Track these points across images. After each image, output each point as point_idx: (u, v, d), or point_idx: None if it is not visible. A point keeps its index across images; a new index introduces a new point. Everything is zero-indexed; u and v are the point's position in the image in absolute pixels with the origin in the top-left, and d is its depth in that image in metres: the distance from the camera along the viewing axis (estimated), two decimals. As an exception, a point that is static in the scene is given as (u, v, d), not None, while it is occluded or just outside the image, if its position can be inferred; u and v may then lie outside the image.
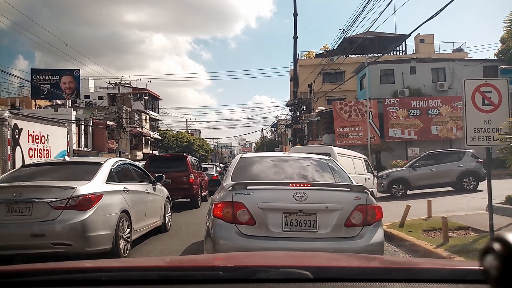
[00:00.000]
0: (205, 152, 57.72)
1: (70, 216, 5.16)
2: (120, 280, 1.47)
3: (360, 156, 12.66)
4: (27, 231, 5.06)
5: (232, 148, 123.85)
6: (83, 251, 5.23)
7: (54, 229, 5.10)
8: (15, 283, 1.47)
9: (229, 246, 3.89)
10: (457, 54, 37.67)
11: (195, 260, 2.36)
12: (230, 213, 4.00)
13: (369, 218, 4.06)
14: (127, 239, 6.08)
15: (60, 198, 5.18)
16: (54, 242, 5.10)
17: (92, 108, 37.44)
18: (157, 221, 7.88)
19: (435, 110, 27.94)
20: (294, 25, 23.45)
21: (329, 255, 2.81)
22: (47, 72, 35.04)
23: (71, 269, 1.68)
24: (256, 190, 4.09)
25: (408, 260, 3.31)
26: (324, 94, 29.35)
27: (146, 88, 46.96)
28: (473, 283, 1.34)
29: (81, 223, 5.18)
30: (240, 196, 4.03)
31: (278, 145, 61.01)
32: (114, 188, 6.09)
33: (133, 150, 43.34)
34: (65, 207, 5.17)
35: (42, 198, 5.17)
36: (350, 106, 28.25)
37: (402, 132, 27.90)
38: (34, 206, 5.15)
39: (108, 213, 5.64)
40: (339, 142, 26.88)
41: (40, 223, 5.09)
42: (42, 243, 5.06)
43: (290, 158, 5.33)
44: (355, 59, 35.15)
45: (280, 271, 1.49)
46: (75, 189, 5.29)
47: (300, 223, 3.99)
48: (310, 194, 4.02)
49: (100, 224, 5.41)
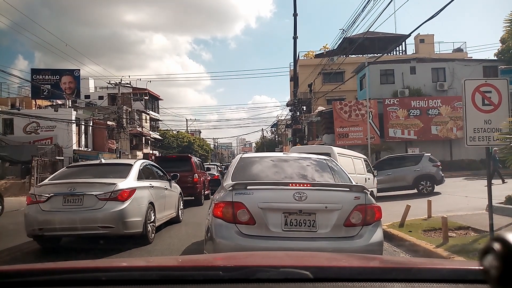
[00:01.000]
0: (205, 152, 57.74)
1: (113, 206, 6.53)
2: (120, 280, 1.47)
3: (360, 156, 12.68)
4: (79, 217, 6.44)
5: (232, 148, 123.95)
6: (122, 232, 6.64)
7: (101, 215, 6.46)
8: (15, 283, 1.47)
9: (229, 245, 3.89)
10: (457, 54, 37.67)
11: (195, 260, 2.36)
12: (230, 213, 4.01)
13: (368, 218, 4.06)
14: (152, 226, 7.36)
15: (104, 192, 6.56)
16: (101, 225, 6.47)
17: (92, 108, 37.46)
18: (173, 213, 9.21)
19: (435, 110, 27.96)
20: (294, 25, 23.47)
21: (329, 255, 2.82)
22: (47, 72, 35.10)
23: (71, 269, 1.68)
24: (256, 190, 4.09)
25: (408, 260, 3.32)
26: (324, 94, 29.36)
27: (146, 88, 46.97)
28: (473, 283, 1.34)
29: (121, 211, 6.55)
30: (240, 196, 4.04)
31: (278, 145, 60.94)
32: (143, 184, 7.47)
33: (133, 150, 43.33)
34: (109, 199, 6.54)
35: (91, 192, 6.55)
36: (350, 106, 28.27)
37: (402, 132, 27.91)
38: (84, 198, 6.52)
39: (140, 204, 7.02)
40: (339, 142, 26.89)
41: (90, 211, 6.45)
42: (92, 226, 6.47)
43: (290, 158, 5.34)
44: (355, 59, 35.14)
45: (280, 271, 1.50)
46: (115, 185, 6.68)
47: (299, 223, 3.99)
48: (310, 194, 4.02)
49: (134, 212, 6.78)
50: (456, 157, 27.03)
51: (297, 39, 23.68)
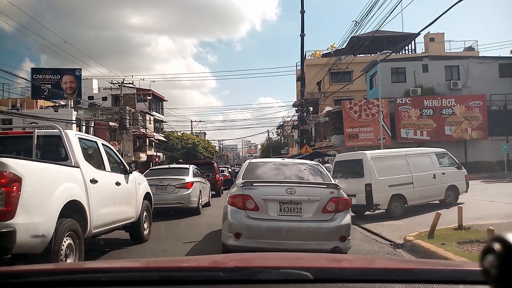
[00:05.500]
0: (210, 154, 57.73)
1: (183, 191, 12.20)
2: (120, 281, 1.52)
3: (427, 152, 12.73)
4: (166, 197, 11.89)
5: (238, 150, 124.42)
6: (188, 206, 12.19)
7: (177, 196, 12.10)
8: (15, 284, 1.51)
9: (239, 225, 5.58)
10: (469, 53, 37.26)
11: (196, 260, 2.41)
12: (241, 202, 5.67)
13: (340, 207, 5.67)
14: (200, 203, 13.22)
15: (178, 183, 12.28)
16: (177, 201, 12.02)
17: (95, 108, 37.66)
18: (207, 199, 15.07)
19: (448, 109, 27.60)
20: (302, 22, 23.50)
21: (329, 256, 2.86)
22: (47, 72, 35.05)
23: (71, 270, 1.73)
24: (259, 186, 5.78)
25: (409, 261, 3.39)
26: (331, 94, 29.26)
27: (150, 89, 47.11)
28: (474, 284, 1.37)
29: (187, 194, 12.22)
30: (248, 190, 5.71)
31: (284, 147, 59.95)
32: (196, 179, 13.23)
33: (137, 152, 43.52)
34: (181, 187, 12.24)
35: (171, 183, 12.24)
36: (360, 106, 27.87)
37: (414, 133, 27.53)
38: (168, 187, 12.19)
39: (196, 191, 12.74)
40: (349, 143, 26.72)
41: (171, 194, 12.06)
42: (172, 201, 11.96)
43: (289, 163, 7.01)
44: (363, 59, 34.85)
45: (280, 272, 1.54)
46: (184, 179, 12.51)
47: (290, 210, 5.65)
48: (298, 189, 5.69)
49: (194, 195, 12.50)
50: (471, 158, 26.76)
51: (304, 37, 23.75)
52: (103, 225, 6.03)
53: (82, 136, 6.30)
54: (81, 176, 5.43)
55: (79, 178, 5.39)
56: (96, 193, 5.68)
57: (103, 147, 6.75)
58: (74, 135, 5.83)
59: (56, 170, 5.00)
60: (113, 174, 6.71)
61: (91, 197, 5.50)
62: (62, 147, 5.63)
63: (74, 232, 4.97)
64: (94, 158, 6.34)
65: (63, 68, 36.07)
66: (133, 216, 7.34)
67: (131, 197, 7.34)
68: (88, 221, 5.42)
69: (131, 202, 7.31)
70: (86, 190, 5.45)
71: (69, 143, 5.57)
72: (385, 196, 11.03)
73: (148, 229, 8.18)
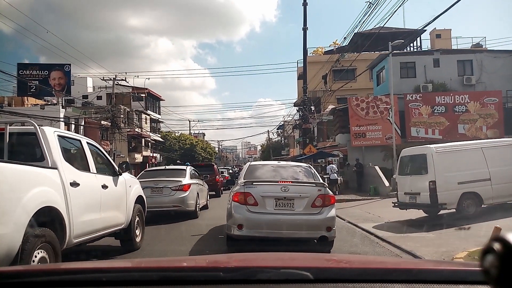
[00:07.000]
0: (209, 155, 57.76)
1: (180, 194, 12.28)
2: (120, 281, 1.60)
3: (509, 143, 11.96)
4: (161, 200, 12.07)
5: (237, 151, 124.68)
6: (185, 209, 12.31)
7: (174, 199, 12.16)
8: (15, 284, 1.60)
9: (241, 218, 6.96)
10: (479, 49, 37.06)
11: (196, 260, 2.49)
12: (243, 199, 7.08)
13: (326, 202, 7.09)
14: (198, 206, 13.19)
15: (175, 185, 12.36)
16: (173, 205, 12.14)
17: (88, 107, 37.59)
18: (204, 201, 15.22)
19: (462, 106, 27.24)
20: (304, 15, 23.53)
21: (329, 256, 2.96)
22: (35, 67, 34.77)
23: (71, 270, 1.81)
24: (259, 185, 7.23)
25: (409, 261, 3.48)
26: (334, 91, 29.11)
27: (146, 88, 47.14)
28: (474, 284, 1.45)
29: (184, 197, 12.33)
30: (249, 188, 7.14)
31: (284, 148, 59.49)
32: (193, 181, 13.27)
33: (132, 153, 43.51)
34: (177, 190, 12.31)
35: (167, 186, 12.29)
36: (367, 103, 27.44)
37: (425, 131, 27.13)
38: (164, 189, 12.28)
39: (193, 193, 12.83)
40: (356, 142, 26.58)
41: (167, 196, 12.27)
42: (168, 205, 12.06)
43: (286, 165, 8.73)
44: (367, 56, 34.58)
45: (280, 272, 1.63)
46: (181, 181, 12.60)
47: (284, 205, 7.05)
48: (291, 187, 7.11)
49: (191, 197, 12.59)
50: (486, 158, 26.55)
51: (307, 30, 23.73)
52: (86, 233, 5.69)
53: (62, 133, 5.94)
54: (59, 178, 5.05)
55: (57, 181, 5.00)
56: (77, 197, 5.33)
57: (89, 146, 6.42)
58: (52, 132, 5.43)
59: (26, 172, 4.55)
60: (99, 176, 6.40)
61: (70, 202, 5.12)
62: (38, 146, 5.18)
63: (49, 244, 4.53)
64: (77, 159, 6.06)
65: (51, 64, 35.73)
66: (123, 222, 7.06)
67: (121, 201, 7.06)
68: (67, 230, 5.02)
69: (121, 207, 7.02)
70: (65, 194, 5.08)
71: (46, 141, 5.18)
72: (453, 194, 10.50)
73: (141, 236, 7.96)
